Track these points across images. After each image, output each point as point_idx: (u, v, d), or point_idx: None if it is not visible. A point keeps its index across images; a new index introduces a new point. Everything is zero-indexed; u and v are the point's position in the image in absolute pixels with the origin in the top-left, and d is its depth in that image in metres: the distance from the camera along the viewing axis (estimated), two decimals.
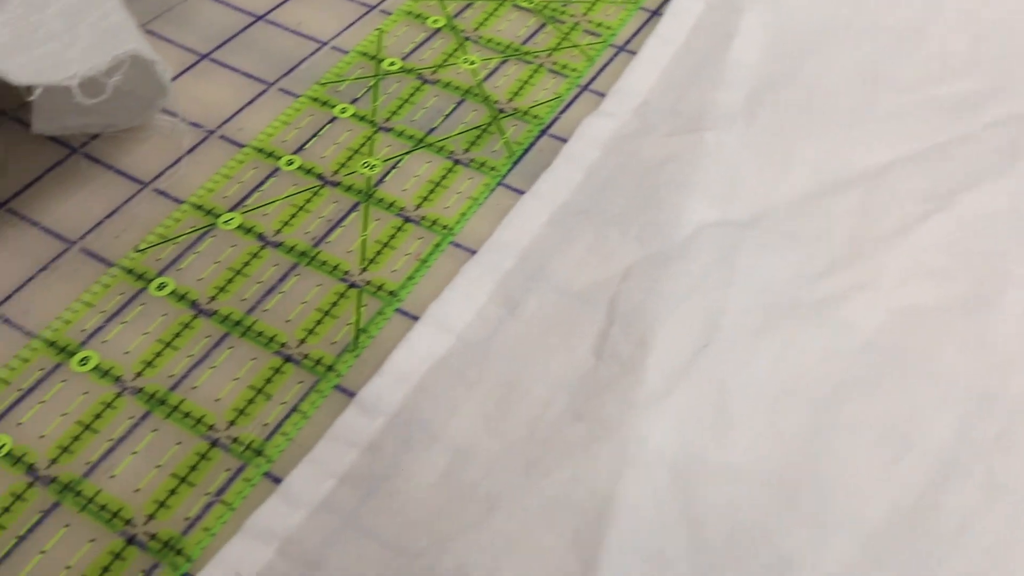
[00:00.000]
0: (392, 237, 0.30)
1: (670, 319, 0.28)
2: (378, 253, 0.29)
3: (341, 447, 0.26)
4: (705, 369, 0.27)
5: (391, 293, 0.29)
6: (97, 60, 0.26)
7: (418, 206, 0.31)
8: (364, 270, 0.29)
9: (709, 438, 0.26)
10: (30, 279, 0.28)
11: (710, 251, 0.30)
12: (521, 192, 0.31)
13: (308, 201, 0.31)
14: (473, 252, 0.30)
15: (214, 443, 0.25)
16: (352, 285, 0.29)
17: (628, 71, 0.35)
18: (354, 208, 0.31)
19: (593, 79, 0.35)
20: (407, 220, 0.30)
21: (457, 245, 0.30)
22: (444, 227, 0.30)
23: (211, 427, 0.26)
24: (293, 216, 0.30)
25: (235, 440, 0.25)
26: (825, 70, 0.36)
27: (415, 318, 0.28)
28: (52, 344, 0.27)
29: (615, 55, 0.36)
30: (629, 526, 0.24)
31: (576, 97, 0.35)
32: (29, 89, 0.26)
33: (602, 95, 0.35)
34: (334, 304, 0.28)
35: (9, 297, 0.28)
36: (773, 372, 0.27)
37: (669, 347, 0.27)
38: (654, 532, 0.24)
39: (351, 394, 0.26)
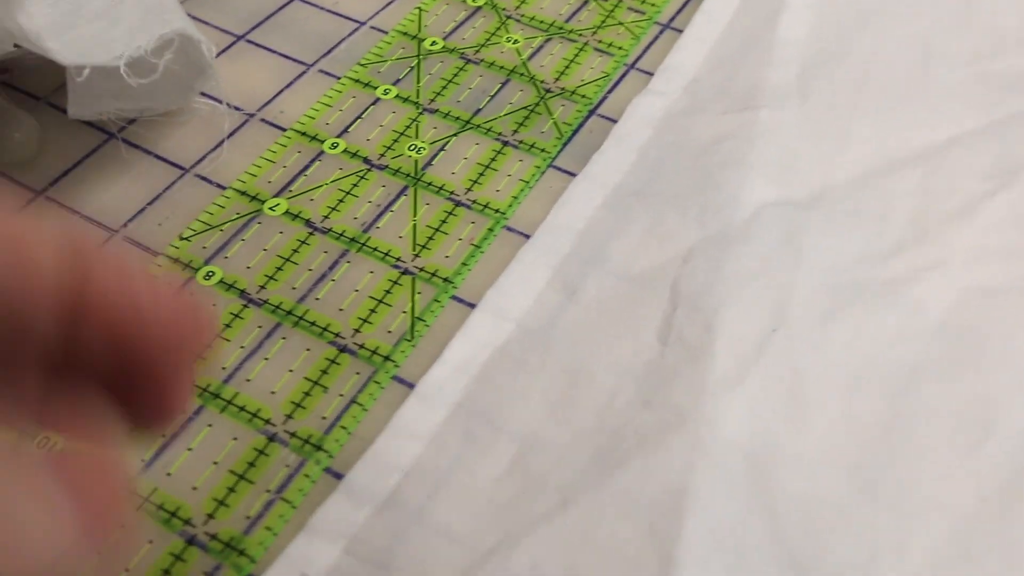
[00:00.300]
0: (443, 222, 0.29)
1: (737, 302, 0.27)
2: (430, 238, 0.28)
3: (403, 440, 0.25)
4: (776, 354, 0.26)
5: (445, 280, 0.28)
6: (142, 39, 0.25)
7: (468, 189, 0.30)
8: (416, 256, 0.28)
9: (784, 425, 0.25)
10: None
11: (773, 231, 0.29)
12: (572, 174, 0.30)
13: (355, 185, 0.30)
14: (527, 236, 0.29)
15: (271, 438, 0.24)
16: (405, 272, 0.28)
17: (676, 49, 0.34)
18: (403, 192, 0.30)
19: (639, 57, 0.34)
20: (458, 204, 0.29)
21: (510, 229, 0.29)
22: (496, 211, 0.29)
23: (268, 421, 0.25)
24: (340, 201, 0.29)
25: (293, 435, 0.24)
26: (875, 47, 0.35)
27: (471, 305, 0.27)
28: None
29: (660, 33, 0.35)
30: (706, 519, 0.23)
31: (623, 76, 0.34)
32: (66, 71, 0.25)
33: (649, 74, 0.34)
34: (387, 292, 0.27)
35: None
36: (846, 356, 0.26)
37: (737, 331, 0.27)
38: (732, 524, 0.23)
39: (410, 385, 0.26)
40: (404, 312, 0.27)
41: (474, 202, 0.29)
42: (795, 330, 0.27)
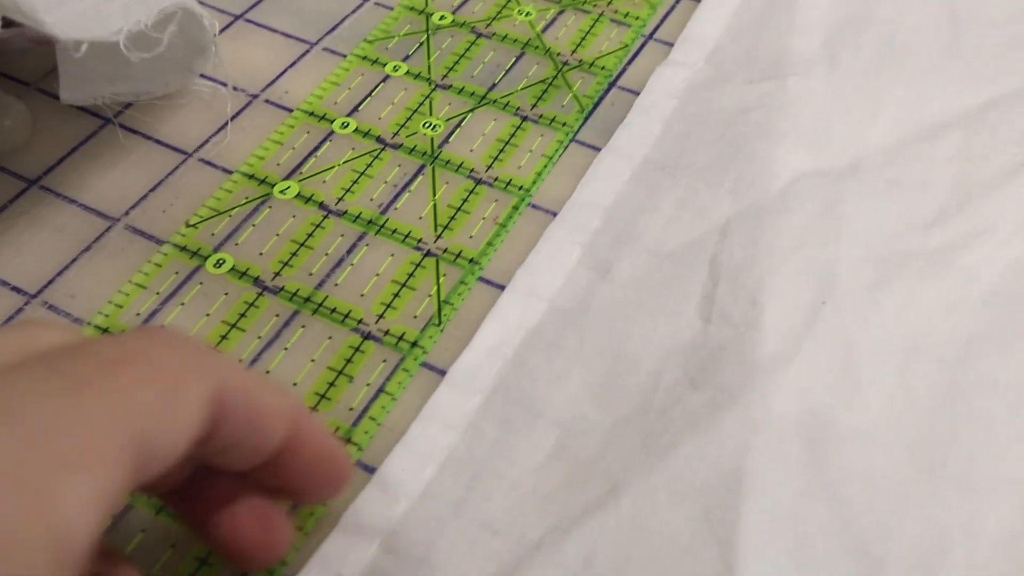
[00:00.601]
0: (465, 201, 0.27)
1: (780, 276, 0.26)
2: (452, 218, 0.27)
3: (437, 430, 0.23)
4: (826, 327, 0.25)
5: (471, 260, 0.26)
6: (141, 13, 0.23)
7: (489, 166, 0.28)
8: (439, 237, 0.26)
9: (838, 401, 0.24)
10: (73, 261, 0.26)
11: (810, 202, 0.28)
12: (596, 148, 0.29)
13: (369, 165, 0.28)
14: (554, 214, 0.27)
15: None
16: (428, 254, 0.26)
17: (695, 17, 0.33)
18: (420, 171, 0.28)
19: (657, 27, 0.33)
20: (479, 182, 0.28)
21: (535, 207, 0.27)
22: (520, 188, 0.28)
23: None
24: (355, 182, 0.28)
25: None
26: (900, 10, 0.34)
27: (500, 286, 0.26)
28: (105, 332, 0.24)
29: (677, 1, 0.34)
30: (764, 501, 0.22)
31: (642, 47, 0.32)
32: (57, 53, 0.23)
33: (669, 44, 0.32)
34: (410, 275, 0.26)
35: (51, 282, 0.25)
36: (897, 327, 0.25)
37: (784, 305, 0.25)
38: (791, 507, 0.22)
39: (440, 372, 0.24)
40: (429, 296, 0.25)
41: (496, 179, 0.28)
42: (844, 302, 0.25)
